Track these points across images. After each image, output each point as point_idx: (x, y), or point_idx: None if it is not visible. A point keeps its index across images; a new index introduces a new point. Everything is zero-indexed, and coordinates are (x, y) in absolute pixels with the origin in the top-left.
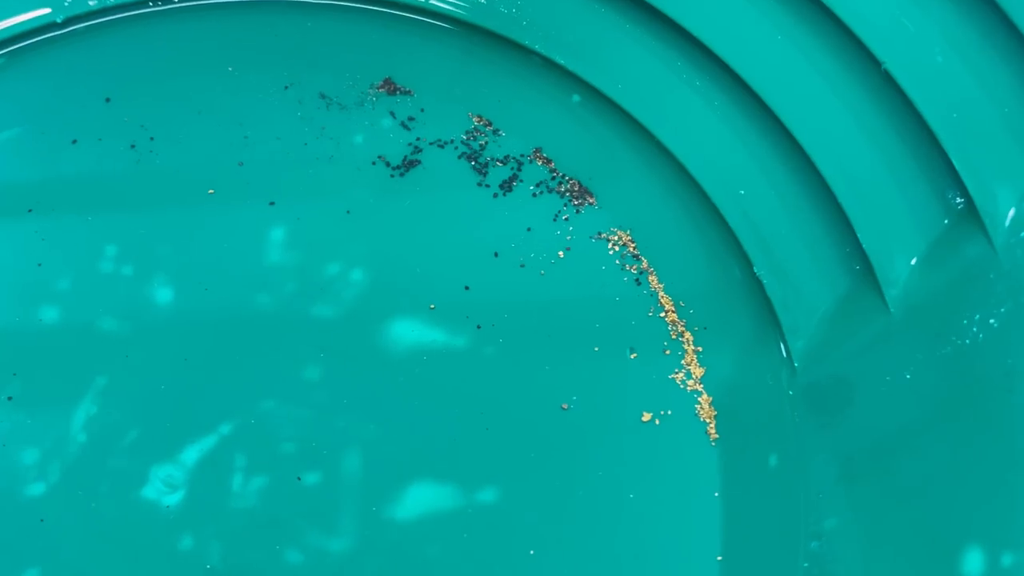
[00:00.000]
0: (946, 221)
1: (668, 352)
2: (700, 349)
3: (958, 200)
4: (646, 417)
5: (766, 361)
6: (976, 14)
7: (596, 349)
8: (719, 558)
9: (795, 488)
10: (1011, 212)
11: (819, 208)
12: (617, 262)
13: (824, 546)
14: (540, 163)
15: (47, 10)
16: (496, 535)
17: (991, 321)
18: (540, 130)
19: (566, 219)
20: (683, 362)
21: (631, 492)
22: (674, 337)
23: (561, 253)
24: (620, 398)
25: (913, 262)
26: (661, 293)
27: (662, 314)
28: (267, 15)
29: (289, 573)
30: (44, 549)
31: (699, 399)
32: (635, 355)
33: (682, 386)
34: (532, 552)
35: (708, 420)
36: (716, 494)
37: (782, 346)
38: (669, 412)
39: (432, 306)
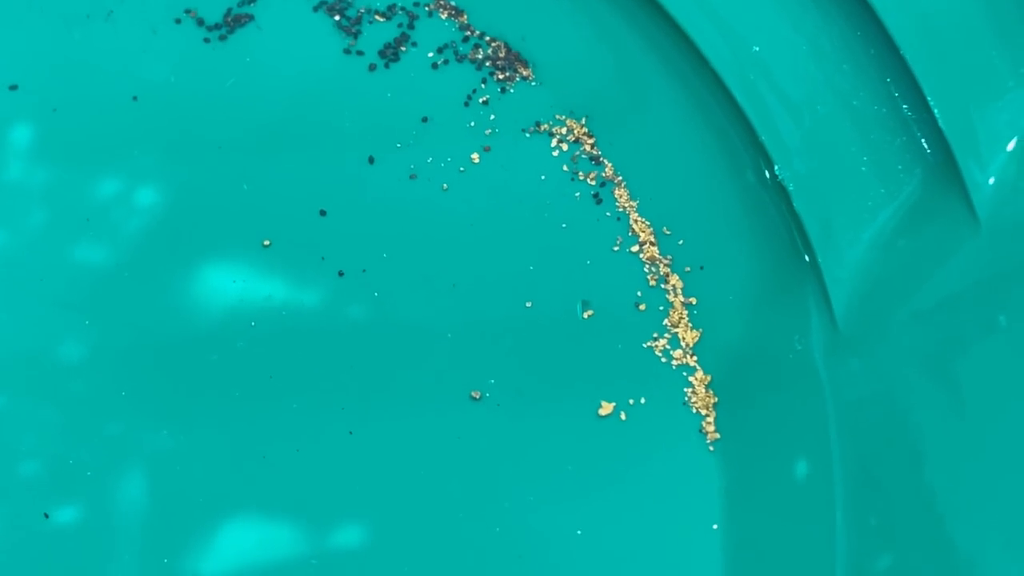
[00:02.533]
0: None
1: (643, 308)
2: (693, 301)
3: None
4: (606, 409)
5: (792, 313)
6: None
7: (528, 305)
8: None
9: (831, 511)
10: None
11: (874, 67)
12: (565, 168)
13: None
14: (445, 15)
15: None
16: None
17: None
18: None
19: (484, 102)
20: (667, 322)
21: (579, 528)
22: (653, 284)
23: (476, 156)
24: (565, 381)
25: (1012, 146)
26: (634, 215)
27: (634, 248)
28: None
29: None
30: None
31: (691, 379)
32: (590, 313)
33: (664, 359)
34: None
35: (705, 411)
36: (715, 527)
37: (817, 293)
38: (643, 400)
39: (267, 242)
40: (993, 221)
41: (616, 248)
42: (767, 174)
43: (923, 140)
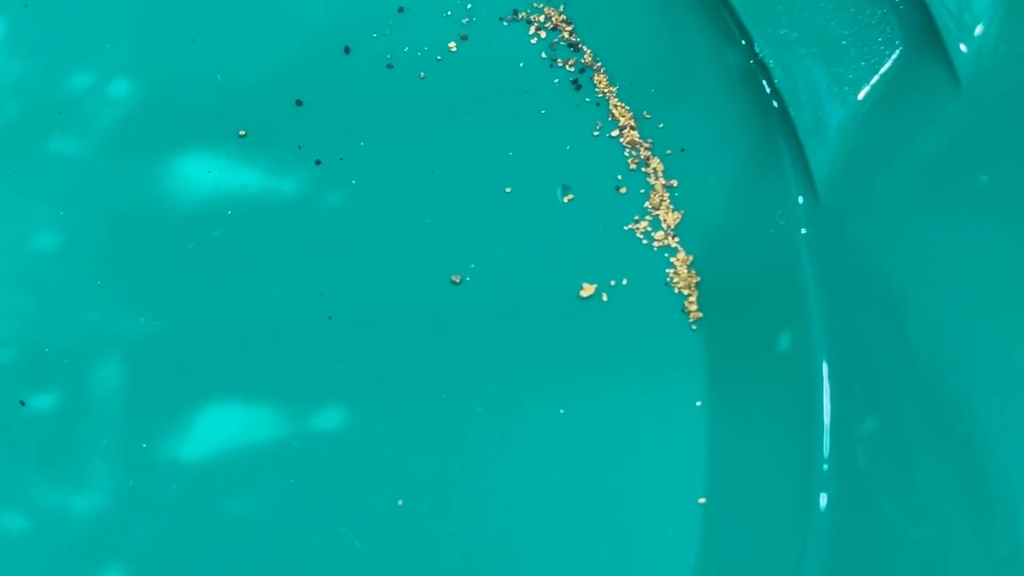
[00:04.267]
0: None
1: (624, 191)
2: (675, 183)
3: None
4: (587, 291)
5: (773, 190)
6: None
7: (508, 190)
8: (701, 500)
9: (815, 380)
10: None
11: None
12: (544, 55)
13: (866, 457)
14: None
15: None
16: (342, 477)
17: None
18: None
19: None
20: (648, 205)
21: (562, 407)
22: (634, 167)
23: (453, 45)
24: (546, 264)
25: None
26: (613, 100)
27: (615, 132)
28: None
29: (7, 546)
30: None
31: (673, 260)
32: (570, 197)
33: (646, 241)
34: (401, 503)
35: (687, 291)
36: (698, 403)
37: (799, 168)
38: (625, 282)
39: (242, 132)
40: (974, 83)
41: (596, 133)
42: (747, 54)
43: (903, 8)
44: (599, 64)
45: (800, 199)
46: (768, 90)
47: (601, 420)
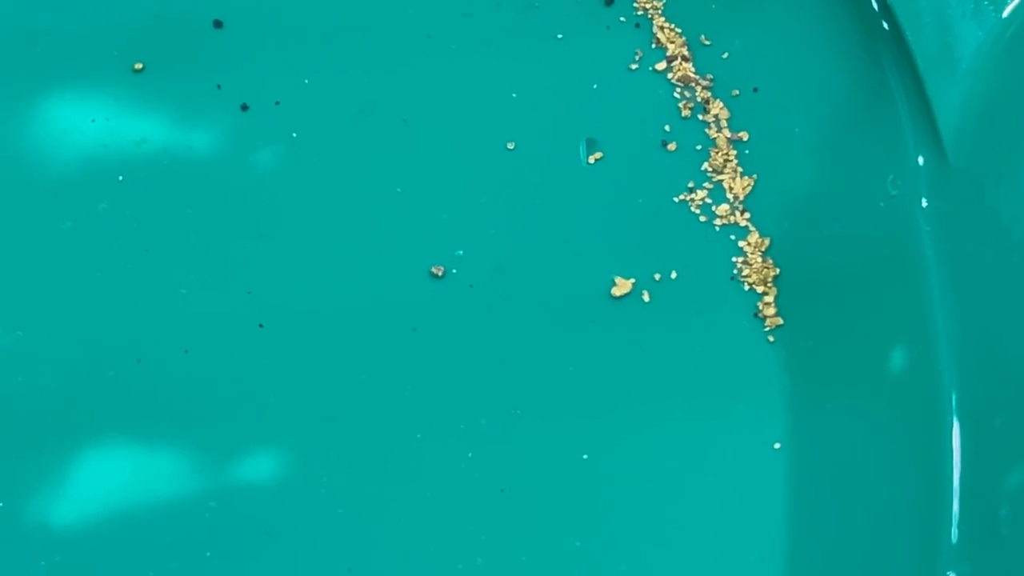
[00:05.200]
0: None
1: (673, 147)
2: (744, 136)
3: None
4: (621, 288)
5: (882, 147)
6: None
7: (510, 146)
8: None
9: (940, 413)
10: None
11: None
12: None
13: (1009, 523)
14: None
15: None
16: (276, 549)
17: None
18: None
19: None
20: (707, 167)
21: (585, 452)
22: (687, 114)
23: None
24: (563, 251)
25: None
26: (658, 20)
27: (660, 65)
28: None
29: None
30: None
31: (742, 244)
32: (598, 156)
33: (704, 218)
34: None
35: (762, 288)
36: (777, 446)
37: (919, 117)
38: (674, 275)
39: (138, 65)
40: None
41: (634, 66)
42: None
43: None
44: None
45: (920, 159)
46: (875, 4)
47: (640, 470)
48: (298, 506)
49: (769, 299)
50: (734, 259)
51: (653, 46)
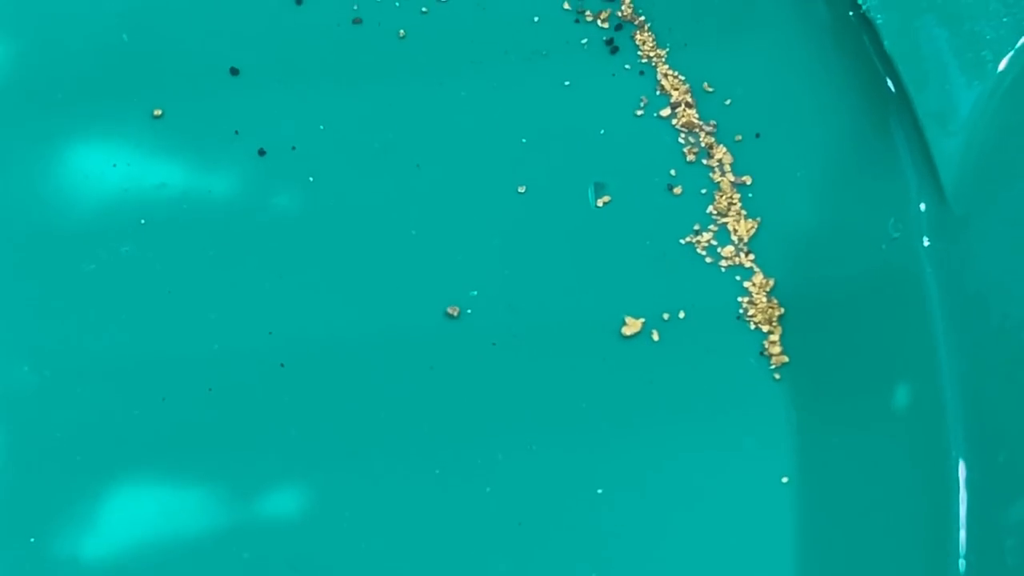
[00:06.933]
0: None
1: (678, 191)
2: (747, 181)
3: None
4: (631, 327)
5: (884, 191)
6: None
7: (521, 190)
8: None
9: (944, 449)
10: None
11: None
12: (567, 6)
13: (1015, 554)
14: None
15: None
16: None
17: None
18: None
19: None
20: (712, 210)
21: (600, 486)
22: (691, 159)
23: None
24: (574, 291)
25: None
26: (662, 68)
27: (664, 112)
28: None
29: None
30: None
31: (747, 285)
32: (606, 200)
33: (710, 259)
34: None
35: (767, 327)
36: (785, 480)
37: (919, 161)
38: (682, 315)
39: (157, 112)
40: None
41: (639, 112)
42: (845, 2)
43: None
44: (642, 18)
45: (922, 205)
46: (876, 56)
47: (652, 504)
48: (321, 541)
49: (774, 338)
50: (740, 299)
51: (658, 93)
